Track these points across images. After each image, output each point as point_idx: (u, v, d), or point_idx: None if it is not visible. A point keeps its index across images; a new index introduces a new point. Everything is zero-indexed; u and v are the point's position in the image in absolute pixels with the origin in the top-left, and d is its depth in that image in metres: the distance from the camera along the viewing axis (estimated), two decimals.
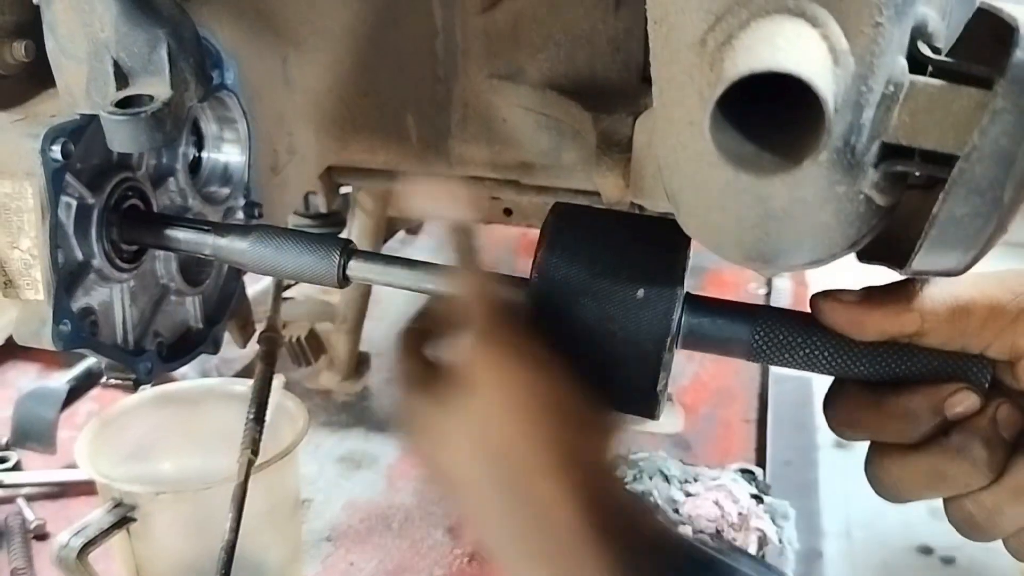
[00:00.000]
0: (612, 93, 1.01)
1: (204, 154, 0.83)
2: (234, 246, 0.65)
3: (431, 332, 0.58)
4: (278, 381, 0.89)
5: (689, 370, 1.57)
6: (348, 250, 0.63)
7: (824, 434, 1.48)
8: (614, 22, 0.99)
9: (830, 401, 0.51)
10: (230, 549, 0.72)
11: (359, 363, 1.46)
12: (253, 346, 0.90)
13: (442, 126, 1.11)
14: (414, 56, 1.07)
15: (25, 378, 1.50)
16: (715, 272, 1.86)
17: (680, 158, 0.41)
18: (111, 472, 0.81)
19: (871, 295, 0.46)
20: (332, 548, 1.09)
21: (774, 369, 1.54)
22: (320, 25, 1.02)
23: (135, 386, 0.73)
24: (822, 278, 0.56)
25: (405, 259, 0.63)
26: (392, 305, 1.76)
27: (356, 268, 0.63)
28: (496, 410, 0.49)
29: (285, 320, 1.37)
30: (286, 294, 1.45)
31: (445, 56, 1.07)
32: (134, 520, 0.79)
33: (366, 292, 1.42)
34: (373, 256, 0.64)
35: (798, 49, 0.32)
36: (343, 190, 1.33)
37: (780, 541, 1.02)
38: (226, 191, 0.84)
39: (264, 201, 0.89)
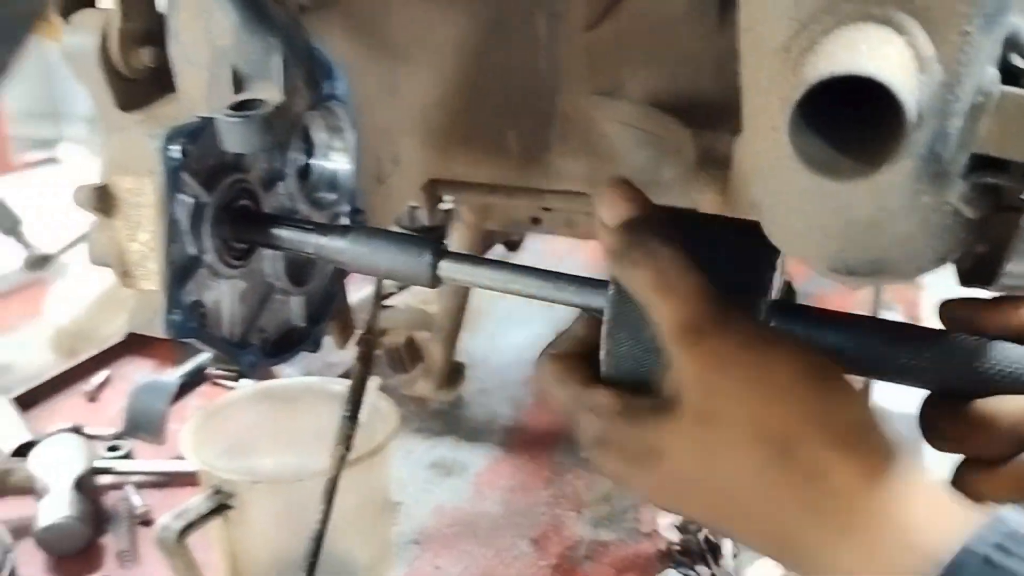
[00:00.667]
0: (713, 111, 1.01)
1: (313, 161, 0.87)
2: (333, 245, 0.68)
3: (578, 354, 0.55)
4: (373, 383, 0.92)
5: None
6: (439, 251, 0.64)
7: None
8: (718, 40, 0.99)
9: (924, 412, 0.50)
10: (318, 539, 0.75)
11: (454, 372, 1.48)
12: (354, 351, 0.93)
13: (542, 140, 1.13)
14: (518, 72, 1.09)
15: (140, 373, 1.58)
16: (820, 297, 1.81)
17: (764, 165, 0.41)
18: (212, 461, 0.85)
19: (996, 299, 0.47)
20: (419, 551, 1.11)
21: (876, 402, 1.49)
22: (428, 41, 1.06)
23: (238, 378, 0.77)
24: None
25: (494, 260, 0.65)
26: (488, 318, 1.78)
27: (447, 268, 0.64)
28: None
29: (384, 327, 1.41)
30: (386, 302, 1.50)
31: (548, 72, 1.09)
32: (231, 507, 0.83)
33: (463, 303, 1.44)
34: (463, 257, 0.65)
35: (880, 54, 0.32)
36: (445, 205, 1.37)
37: None
38: (333, 197, 0.88)
39: (368, 209, 0.92)
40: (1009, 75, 0.36)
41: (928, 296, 1.81)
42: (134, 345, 1.65)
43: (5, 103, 4.57)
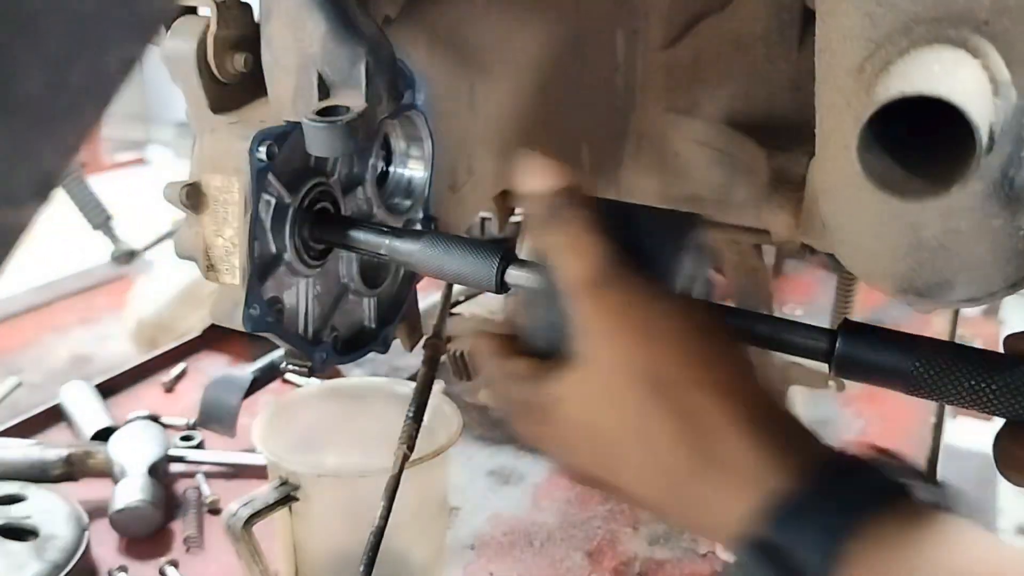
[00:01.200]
0: (788, 132, 1.00)
1: (391, 168, 0.89)
2: (405, 248, 0.70)
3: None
4: (438, 386, 0.94)
5: (856, 426, 1.52)
6: (507, 257, 0.66)
7: (1008, 517, 1.37)
8: (795, 61, 0.99)
9: (999, 441, 0.50)
10: (379, 534, 0.77)
11: None
12: (420, 355, 0.95)
13: (615, 157, 1.14)
14: (594, 88, 1.11)
15: (215, 367, 1.64)
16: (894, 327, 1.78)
17: (835, 185, 0.41)
18: (280, 453, 0.87)
19: None
20: (474, 556, 1.12)
21: (949, 440, 1.45)
22: (508, 55, 1.08)
23: (310, 373, 0.79)
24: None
25: None
26: None
27: (514, 275, 0.66)
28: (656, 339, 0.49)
29: (450, 335, 1.43)
30: (453, 311, 1.52)
31: (624, 89, 1.10)
32: (296, 499, 0.85)
33: None
34: (530, 264, 0.67)
35: (953, 76, 0.33)
36: (516, 218, 1.38)
37: None
38: (408, 203, 0.90)
39: (441, 216, 0.95)
40: None
41: (1007, 331, 1.76)
42: (211, 340, 1.71)
43: None
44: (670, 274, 0.55)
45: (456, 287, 1.50)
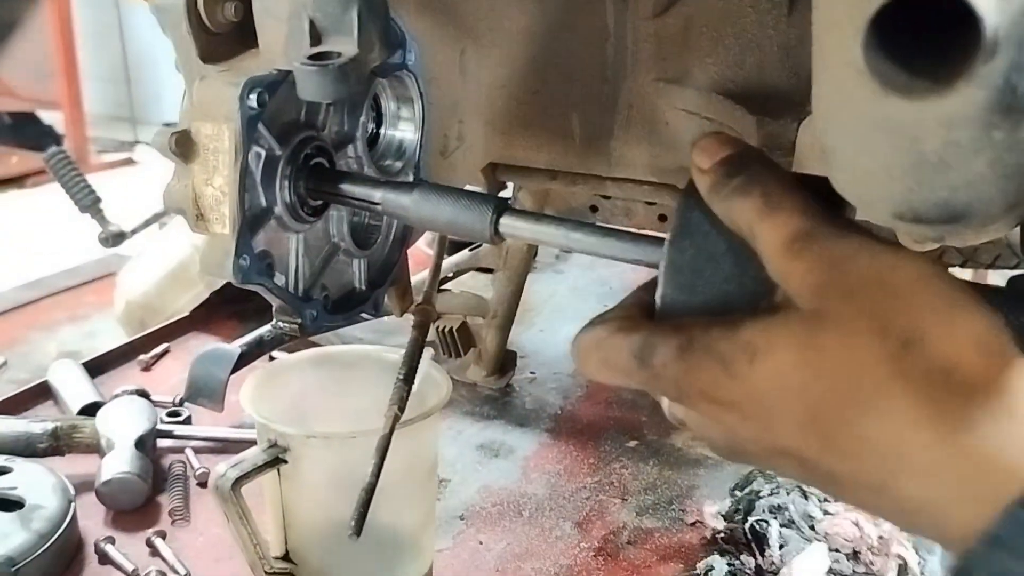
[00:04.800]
0: (779, 99, 1.00)
1: (382, 130, 0.89)
2: (399, 198, 0.70)
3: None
4: (427, 353, 0.94)
5: None
6: (501, 206, 0.66)
7: None
8: (786, 28, 0.99)
9: None
10: (369, 491, 0.76)
11: (506, 360, 1.50)
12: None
13: (605, 127, 1.14)
14: (584, 58, 1.10)
15: (205, 348, 1.62)
16: None
17: (834, 103, 0.41)
18: (269, 416, 0.87)
19: None
20: (464, 527, 1.12)
21: None
22: (498, 23, 1.08)
23: (300, 331, 0.78)
24: None
25: (555, 216, 0.66)
26: (539, 313, 1.79)
27: (508, 224, 0.66)
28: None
29: (440, 311, 1.43)
30: (443, 287, 1.52)
31: (614, 58, 1.10)
32: (285, 462, 0.85)
33: (517, 291, 1.45)
34: (524, 213, 0.67)
35: None
36: (505, 192, 1.38)
37: (922, 573, 0.97)
38: (399, 165, 0.90)
39: (431, 181, 0.94)
40: None
41: None
42: (199, 321, 1.70)
43: (86, 107, 4.77)
44: None
45: (446, 262, 1.50)
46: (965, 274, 1.94)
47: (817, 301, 0.43)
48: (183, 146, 0.68)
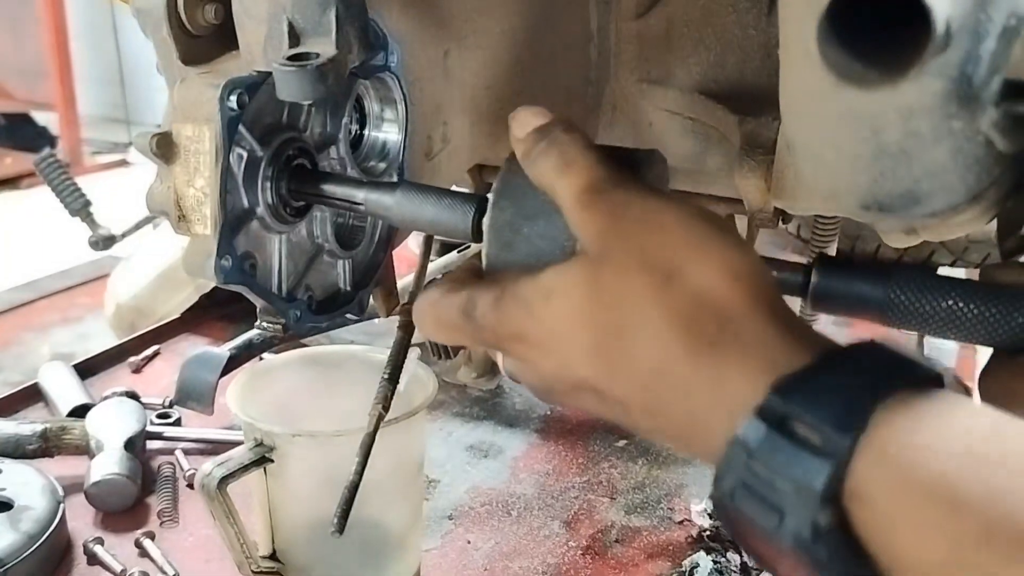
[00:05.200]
0: (760, 98, 1.01)
1: (366, 131, 0.89)
2: (382, 198, 0.71)
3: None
4: (413, 353, 0.94)
5: None
6: (483, 205, 0.66)
7: None
8: (766, 27, 1.00)
9: (986, 372, 0.50)
10: (352, 489, 0.76)
11: (494, 362, 1.50)
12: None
13: (590, 129, 1.14)
14: (567, 59, 1.11)
15: (195, 350, 1.63)
16: None
17: (798, 96, 0.42)
18: (255, 416, 0.87)
19: None
20: (452, 526, 1.12)
21: None
22: (481, 24, 1.08)
23: (284, 331, 0.79)
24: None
25: None
26: None
27: None
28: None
29: None
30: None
31: (598, 60, 1.11)
32: (271, 461, 0.85)
33: None
34: None
35: None
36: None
37: None
38: (382, 166, 0.90)
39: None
40: None
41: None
42: (189, 323, 1.70)
43: (80, 108, 4.78)
44: None
45: (434, 264, 1.50)
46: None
47: (600, 245, 0.49)
48: (164, 148, 0.68)
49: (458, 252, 1.48)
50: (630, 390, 0.47)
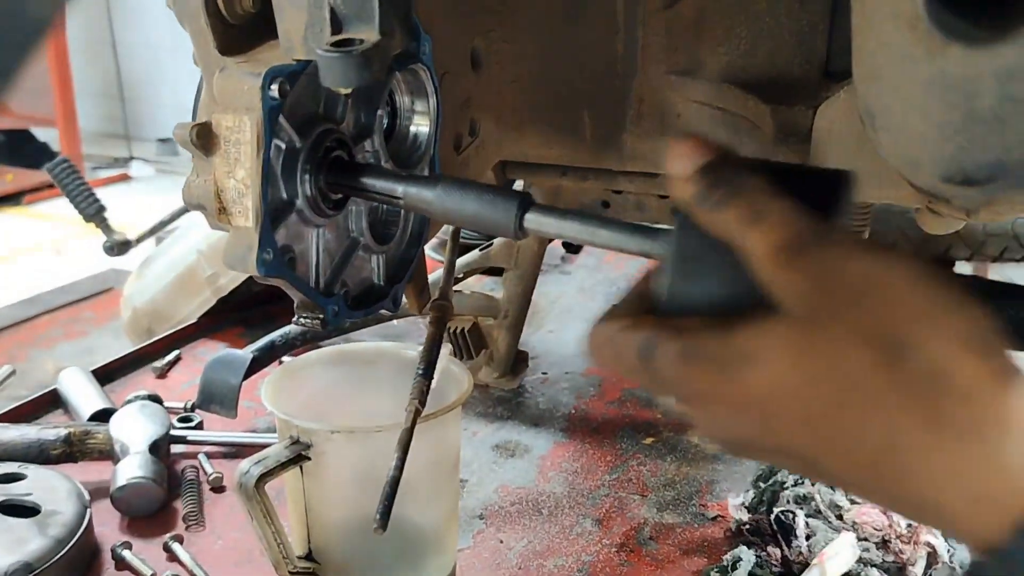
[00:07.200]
0: (792, 87, 1.00)
1: (397, 123, 0.88)
2: (423, 192, 0.69)
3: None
4: (446, 348, 0.93)
5: None
6: (525, 202, 0.65)
7: None
8: (798, 15, 0.99)
9: None
10: (393, 484, 0.75)
11: (518, 361, 1.49)
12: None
13: (617, 122, 1.13)
14: (595, 52, 1.10)
15: (211, 354, 1.61)
16: None
17: (881, 61, 0.40)
18: (291, 413, 0.86)
19: None
20: (483, 525, 1.11)
21: None
22: (509, 18, 1.07)
23: (322, 326, 0.78)
24: None
25: (580, 212, 0.65)
26: (548, 315, 1.79)
27: (532, 220, 0.65)
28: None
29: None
30: (455, 287, 1.51)
31: (625, 52, 1.10)
32: (308, 459, 0.84)
33: (528, 290, 1.45)
34: (549, 209, 0.66)
35: None
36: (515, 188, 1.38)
37: (951, 561, 0.96)
38: (413, 160, 0.89)
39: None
40: None
41: None
42: (207, 328, 1.69)
43: (80, 124, 4.77)
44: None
45: (459, 260, 1.49)
46: (967, 268, 1.94)
47: (807, 308, 0.44)
48: (204, 139, 0.67)
49: (480, 251, 1.47)
50: (849, 465, 0.44)
